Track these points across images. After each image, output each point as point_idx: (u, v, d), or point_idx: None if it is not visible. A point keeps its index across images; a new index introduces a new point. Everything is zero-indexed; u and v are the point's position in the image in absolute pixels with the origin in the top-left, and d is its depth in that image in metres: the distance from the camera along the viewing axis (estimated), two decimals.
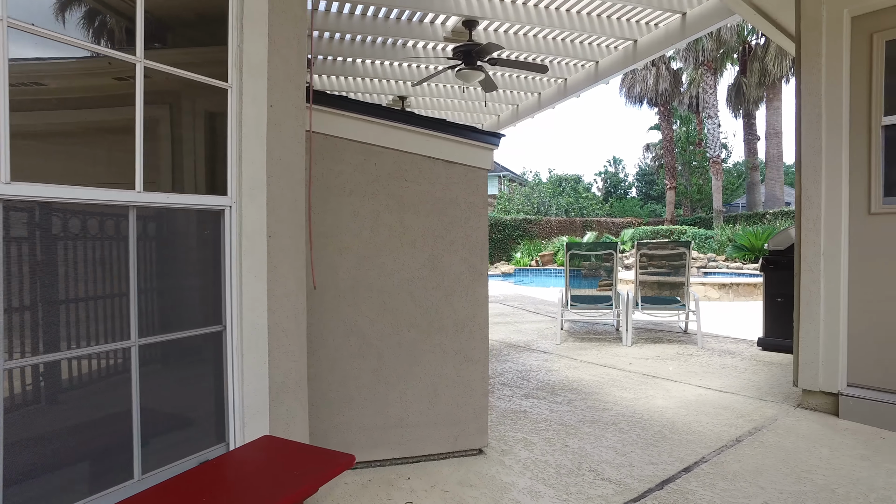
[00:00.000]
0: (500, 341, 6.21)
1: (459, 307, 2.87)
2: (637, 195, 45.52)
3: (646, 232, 19.69)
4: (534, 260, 20.37)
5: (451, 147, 2.84)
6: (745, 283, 9.41)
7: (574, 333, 6.70)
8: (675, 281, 6.01)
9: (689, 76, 24.36)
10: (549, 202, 27.67)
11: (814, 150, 3.38)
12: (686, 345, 5.82)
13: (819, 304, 3.35)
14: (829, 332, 3.33)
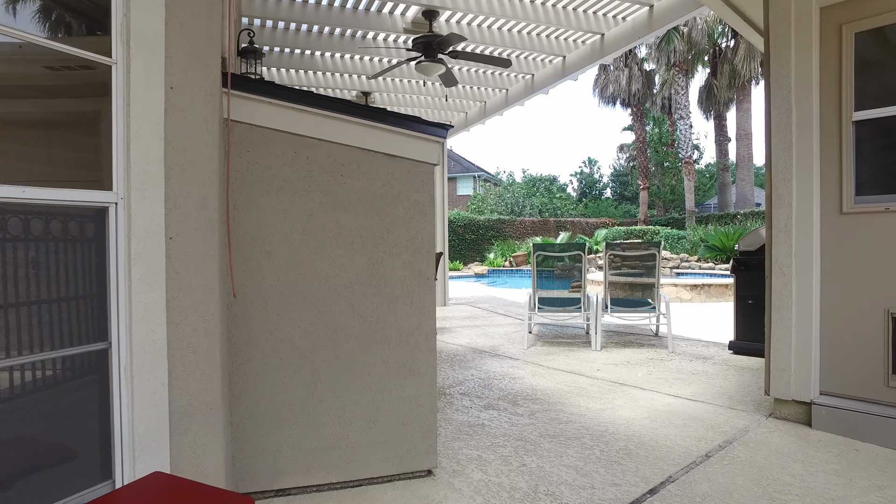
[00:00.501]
0: (465, 346, 5.96)
1: (403, 316, 2.61)
2: (612, 196, 45.78)
3: (619, 232, 19.69)
4: (507, 260, 20.21)
5: (393, 139, 2.57)
6: (717, 283, 9.34)
7: (543, 337, 6.49)
8: (646, 283, 5.83)
9: (661, 77, 24.49)
10: (524, 202, 27.56)
11: (784, 147, 3.20)
12: (656, 349, 5.64)
13: (790, 308, 3.17)
14: (801, 338, 3.15)
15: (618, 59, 23.11)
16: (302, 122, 2.46)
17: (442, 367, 4.97)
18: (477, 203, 27.97)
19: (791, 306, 3.17)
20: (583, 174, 49.51)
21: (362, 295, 2.54)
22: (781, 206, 3.21)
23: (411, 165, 2.61)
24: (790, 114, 3.17)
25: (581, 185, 48.37)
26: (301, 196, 2.45)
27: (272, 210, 2.41)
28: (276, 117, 2.41)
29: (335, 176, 2.51)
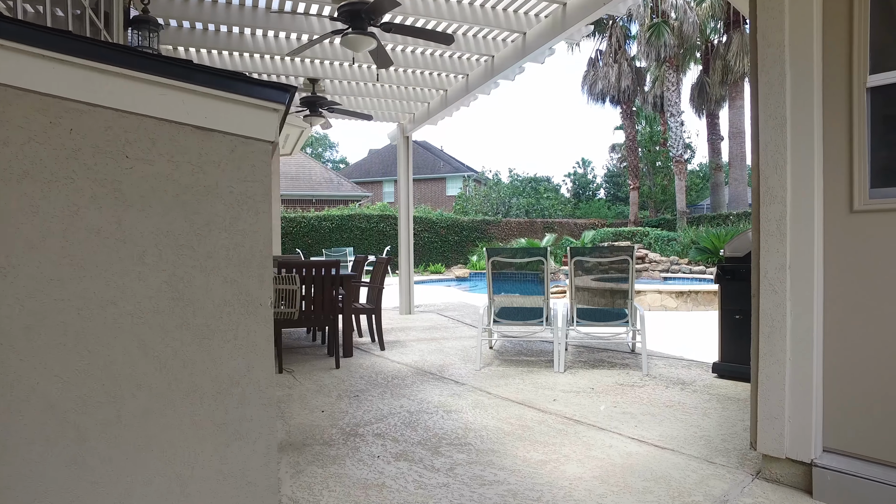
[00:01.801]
0: (410, 365, 5.16)
1: (224, 356, 1.81)
2: (605, 197, 45.17)
3: (607, 234, 18.94)
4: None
5: (207, 106, 1.77)
6: (706, 290, 8.58)
7: (503, 354, 5.69)
8: (617, 290, 5.04)
9: (652, 74, 23.78)
10: (509, 203, 26.79)
11: (775, 124, 2.41)
12: (630, 370, 4.86)
13: (784, 336, 2.38)
14: (798, 376, 2.36)
15: (606, 55, 22.39)
16: (62, 76, 1.65)
17: (370, 394, 4.17)
18: (462, 203, 27.18)
19: (785, 334, 2.38)
20: (576, 175, 48.89)
21: (159, 328, 1.74)
22: (772, 202, 2.43)
23: (236, 143, 1.81)
24: (783, 79, 2.39)
25: (575, 186, 47.76)
26: (61, 186, 1.65)
27: (12, 207, 1.61)
28: (16, 68, 1.61)
29: (117, 158, 1.70)
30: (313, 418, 3.64)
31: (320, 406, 3.91)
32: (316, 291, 5.04)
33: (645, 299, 8.66)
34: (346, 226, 20.20)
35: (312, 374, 4.91)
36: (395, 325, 7.82)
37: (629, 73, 21.82)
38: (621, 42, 22.12)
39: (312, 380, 4.69)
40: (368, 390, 4.32)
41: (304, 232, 19.63)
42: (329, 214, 20.34)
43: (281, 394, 4.25)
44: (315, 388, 4.40)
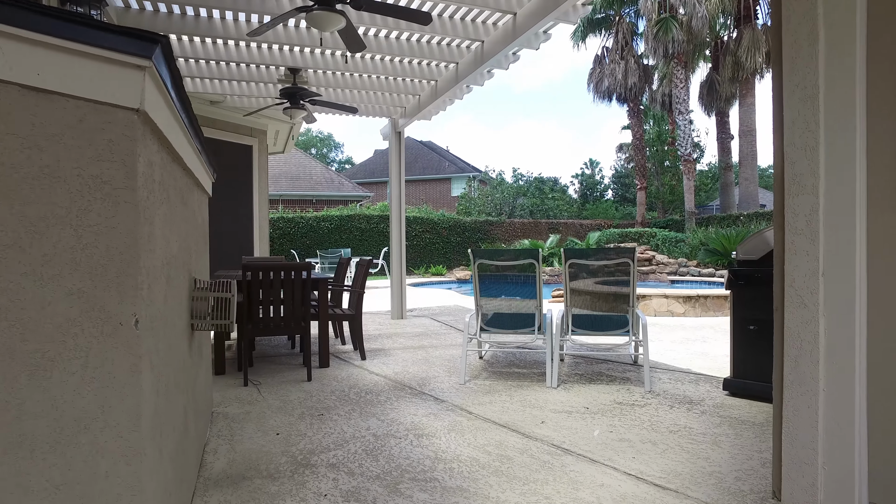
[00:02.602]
0: (390, 378, 4.69)
1: (67, 393, 1.35)
2: (613, 197, 44.54)
3: (613, 235, 18.40)
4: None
5: (43, 58, 1.31)
6: (715, 294, 8.04)
7: (494, 365, 5.22)
8: (618, 298, 4.55)
9: (660, 72, 23.20)
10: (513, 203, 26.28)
11: (804, 95, 1.93)
12: (630, 385, 4.37)
13: (816, 361, 1.90)
14: (835, 414, 1.88)
15: (613, 51, 21.86)
16: None
17: (337, 413, 3.71)
18: (465, 204, 26.69)
19: (817, 358, 1.90)
20: (584, 176, 48.33)
21: None
22: (800, 192, 1.94)
23: (85, 111, 1.35)
24: (814, 38, 1.90)
25: (582, 187, 47.18)
26: None
27: None
28: None
29: None
30: (265, 442, 3.18)
31: (277, 427, 3.45)
32: (285, 297, 4.58)
33: (650, 304, 8.15)
34: (345, 226, 19.76)
35: (280, 387, 4.46)
36: (383, 331, 7.36)
37: (636, 71, 21.26)
38: (628, 38, 21.57)
39: (278, 394, 4.23)
40: (336, 408, 3.86)
41: (303, 233, 19.22)
42: (328, 215, 19.92)
43: (238, 411, 3.80)
44: (278, 405, 3.94)
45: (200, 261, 3.04)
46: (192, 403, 2.57)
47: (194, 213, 2.86)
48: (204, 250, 3.35)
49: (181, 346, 2.19)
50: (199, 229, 3.00)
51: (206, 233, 3.45)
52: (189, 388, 2.44)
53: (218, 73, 6.53)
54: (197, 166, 2.84)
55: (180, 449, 2.10)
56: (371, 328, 7.57)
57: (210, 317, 2.61)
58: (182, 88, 1.91)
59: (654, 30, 18.97)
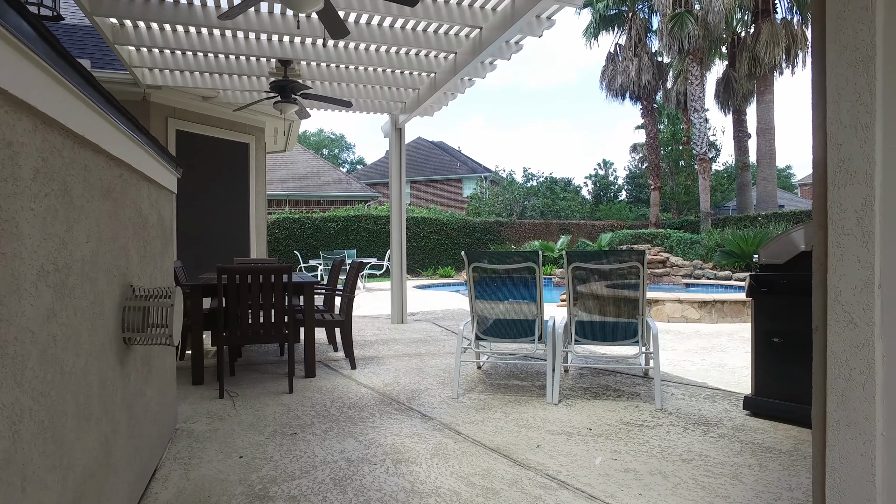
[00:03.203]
0: (377, 389, 4.33)
1: None
2: (627, 198, 43.93)
3: (626, 236, 17.90)
4: None
5: None
6: (733, 299, 7.57)
7: (491, 376, 4.83)
8: (626, 304, 4.15)
9: (674, 70, 22.65)
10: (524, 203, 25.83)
11: (854, 58, 1.53)
12: (640, 402, 3.96)
13: (872, 395, 1.49)
14: None
15: (626, 48, 21.35)
16: None
17: (312, 432, 3.35)
18: (475, 204, 26.30)
19: (873, 391, 1.49)
20: (597, 176, 47.80)
21: None
22: (849, 181, 1.54)
23: None
24: None
25: (596, 188, 46.68)
26: None
27: None
28: None
29: None
30: (224, 468, 2.83)
31: (243, 448, 3.10)
32: (264, 302, 4.24)
33: (663, 309, 7.70)
34: (352, 227, 19.47)
35: (258, 399, 4.11)
36: (380, 336, 7.01)
37: (650, 68, 20.71)
38: (642, 35, 21.04)
39: (253, 408, 3.89)
40: (312, 425, 3.50)
41: (309, 233, 18.96)
42: (335, 215, 19.64)
43: (205, 428, 3.45)
44: (250, 421, 3.60)
45: (149, 265, 2.69)
46: (127, 429, 2.23)
47: (138, 212, 2.51)
48: (160, 253, 3.00)
49: (96, 367, 1.84)
50: (146, 229, 2.65)
51: (163, 234, 3.11)
52: (117, 413, 2.10)
53: (206, 65, 6.21)
54: (141, 160, 2.50)
55: (91, 489, 1.75)
56: (368, 333, 7.22)
57: (154, 328, 2.27)
58: (80, 66, 1.57)
59: (669, 25, 18.45)
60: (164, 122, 7.27)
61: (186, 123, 7.55)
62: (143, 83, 6.60)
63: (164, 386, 3.07)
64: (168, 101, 7.26)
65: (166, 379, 3.12)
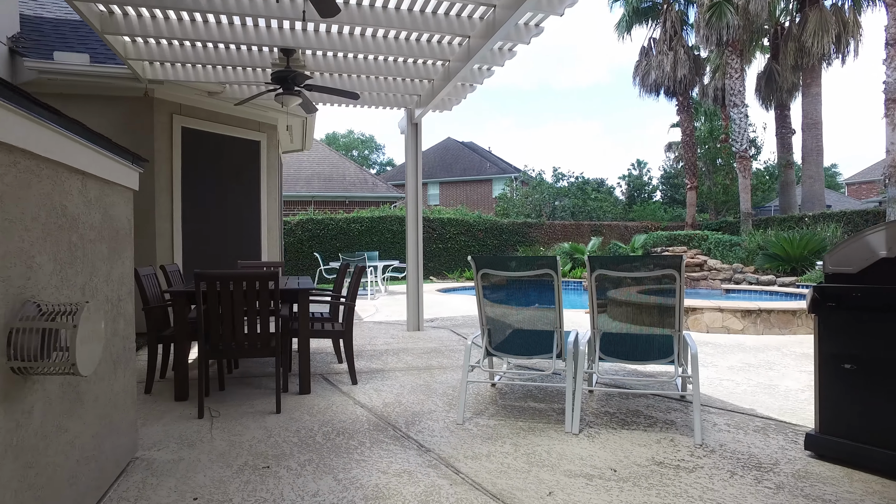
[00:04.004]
0: (374, 411, 3.85)
1: None
2: (662, 199, 42.64)
3: (661, 237, 17.05)
4: None
5: None
6: (780, 308, 6.83)
7: (506, 396, 4.30)
8: (660, 317, 3.55)
9: (712, 64, 21.61)
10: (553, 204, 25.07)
11: None
12: (676, 434, 3.37)
13: None
14: None
15: (661, 42, 20.43)
16: None
17: (288, 465, 2.88)
18: (503, 205, 25.66)
19: None
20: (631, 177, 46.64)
21: None
22: None
23: None
24: None
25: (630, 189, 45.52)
26: None
27: None
28: None
29: None
30: None
31: (201, 486, 2.65)
32: (248, 312, 3.80)
33: (702, 319, 7.02)
34: (376, 228, 19.10)
35: (240, 420, 3.67)
36: (392, 345, 6.53)
37: (686, 62, 19.73)
38: (677, 28, 20.06)
39: (231, 431, 3.45)
40: (291, 456, 3.04)
41: (332, 235, 18.66)
42: (359, 216, 19.30)
43: (168, 458, 3.02)
44: (222, 449, 3.15)
45: (79, 274, 2.26)
46: (20, 482, 1.78)
47: (57, 210, 2.08)
48: (106, 258, 2.58)
49: None
50: (74, 231, 2.22)
51: (113, 235, 2.68)
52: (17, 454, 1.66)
53: (206, 57, 5.84)
54: (62, 149, 2.08)
55: None
56: (380, 342, 6.76)
57: (61, 352, 1.82)
58: None
59: (707, 16, 17.50)
60: (168, 119, 6.96)
61: (193, 120, 7.23)
62: (143, 78, 6.29)
63: (111, 412, 2.64)
64: (173, 98, 6.94)
65: (115, 404, 2.69)
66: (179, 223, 7.09)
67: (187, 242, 7.20)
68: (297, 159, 24.64)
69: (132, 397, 2.99)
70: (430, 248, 19.17)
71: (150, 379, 4.41)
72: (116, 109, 6.70)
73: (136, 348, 3.01)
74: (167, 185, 6.94)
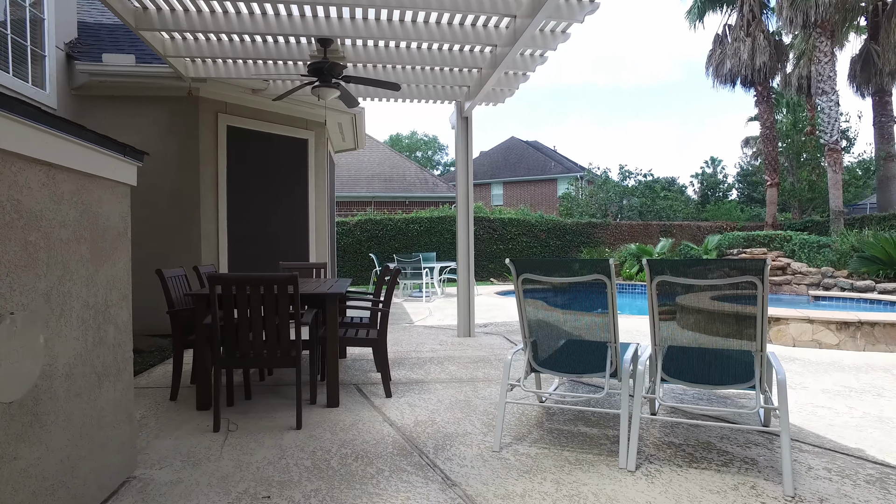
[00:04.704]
0: (403, 431, 3.44)
1: None
2: (738, 198, 40.13)
3: (737, 238, 15.76)
4: None
5: None
6: (888, 321, 5.87)
7: (555, 417, 3.78)
8: (738, 332, 2.94)
9: (797, 49, 19.87)
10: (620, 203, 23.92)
11: None
12: (758, 476, 2.75)
13: None
14: None
15: (737, 28, 18.98)
16: None
17: (290, 496, 2.52)
18: (566, 204, 24.77)
19: None
20: (704, 175, 44.25)
21: None
22: None
23: None
24: None
25: (702, 188, 43.19)
26: None
27: None
28: None
29: None
30: None
31: None
32: (266, 318, 3.49)
33: (787, 330, 6.17)
34: (435, 229, 18.84)
35: (255, 436, 3.37)
36: (437, 353, 6.12)
37: (766, 48, 18.18)
38: (756, 11, 18.53)
39: (243, 450, 3.14)
40: (298, 484, 2.68)
41: (391, 235, 18.56)
42: (417, 217, 19.11)
43: (167, 479, 2.74)
44: (227, 471, 2.84)
45: (43, 279, 1.98)
46: None
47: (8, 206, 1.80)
48: (88, 260, 2.30)
49: None
50: (35, 230, 1.94)
51: (99, 235, 2.41)
52: None
53: (243, 51, 5.67)
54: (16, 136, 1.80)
55: None
56: (426, 349, 6.37)
57: None
58: None
59: None
60: (213, 118, 6.88)
61: (238, 119, 7.13)
62: (186, 76, 6.20)
63: (93, 431, 2.37)
64: (217, 96, 6.86)
65: (99, 422, 2.42)
66: (225, 224, 7.00)
67: (233, 243, 7.10)
68: (357, 160, 24.82)
69: (126, 412, 2.72)
70: (490, 248, 18.70)
71: (176, 385, 4.21)
72: (163, 109, 6.67)
73: (132, 357, 2.74)
74: (212, 186, 6.85)
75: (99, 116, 6.62)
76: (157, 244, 6.55)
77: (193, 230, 6.67)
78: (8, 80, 5.74)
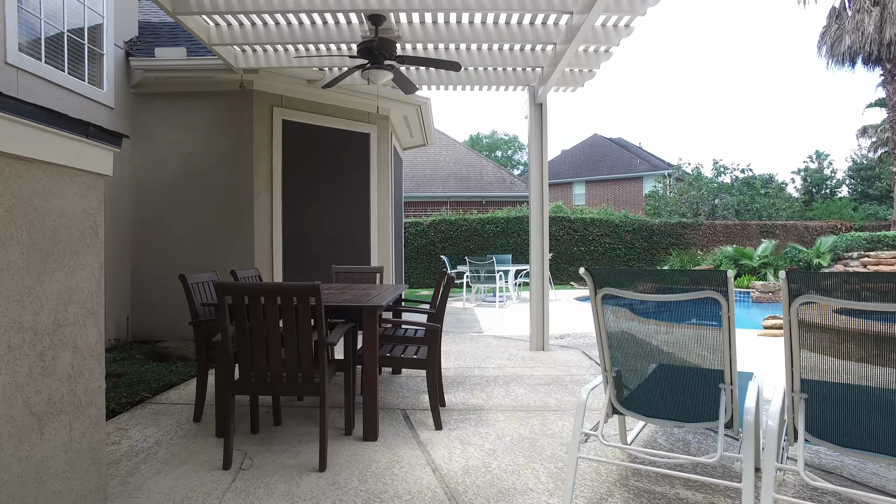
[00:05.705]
0: (446, 479, 2.74)
1: None
2: (849, 195, 36.15)
3: (857, 240, 13.76)
4: None
5: None
6: None
7: (641, 473, 2.93)
8: None
9: None
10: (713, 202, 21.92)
11: None
12: None
13: None
14: None
15: None
16: None
17: None
18: (653, 203, 23.05)
19: None
20: (808, 171, 40.29)
21: None
22: None
23: None
24: None
25: (806, 184, 39.34)
26: None
27: None
28: None
29: None
30: None
31: None
32: (286, 335, 2.90)
33: None
34: (511, 229, 18.00)
35: (268, 479, 2.79)
36: (505, 370, 5.37)
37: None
38: None
39: (248, 498, 2.56)
40: None
41: (466, 236, 17.92)
42: (493, 217, 18.34)
43: None
44: None
45: None
46: None
47: None
48: (23, 268, 1.78)
49: None
50: None
51: (49, 236, 1.88)
52: None
53: (290, 35, 5.19)
54: None
55: None
56: (492, 364, 5.64)
57: None
58: None
59: None
60: (268, 112, 6.50)
61: (294, 112, 6.71)
62: (237, 67, 5.84)
63: (24, 493, 1.84)
64: (272, 89, 6.47)
65: (38, 478, 1.89)
66: (280, 224, 6.60)
67: (288, 244, 6.70)
68: (432, 159, 24.42)
69: (92, 455, 2.19)
70: (571, 250, 17.63)
71: (200, 405, 3.74)
72: (217, 104, 6.37)
73: (103, 387, 2.21)
74: (266, 184, 6.47)
75: (155, 114, 6.43)
76: (206, 246, 6.25)
77: (246, 230, 6.32)
78: (63, 79, 5.60)
